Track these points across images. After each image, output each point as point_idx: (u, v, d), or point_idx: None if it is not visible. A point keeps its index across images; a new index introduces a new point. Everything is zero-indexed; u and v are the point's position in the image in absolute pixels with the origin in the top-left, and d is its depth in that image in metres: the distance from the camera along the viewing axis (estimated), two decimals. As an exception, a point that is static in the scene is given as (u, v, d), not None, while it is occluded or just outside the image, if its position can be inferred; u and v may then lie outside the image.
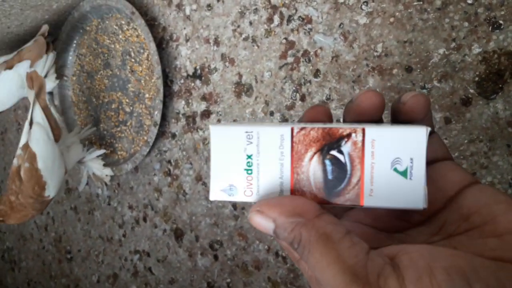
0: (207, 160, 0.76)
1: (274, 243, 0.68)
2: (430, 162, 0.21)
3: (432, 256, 0.16)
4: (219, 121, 0.73)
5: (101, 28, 0.88)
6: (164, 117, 0.80)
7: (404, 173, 0.19)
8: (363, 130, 0.19)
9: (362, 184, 0.19)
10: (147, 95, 0.82)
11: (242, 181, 0.20)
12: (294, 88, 0.64)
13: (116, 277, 0.95)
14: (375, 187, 0.19)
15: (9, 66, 0.94)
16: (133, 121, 0.85)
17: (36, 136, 0.76)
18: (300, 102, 0.63)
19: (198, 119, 0.77)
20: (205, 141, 0.76)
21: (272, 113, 0.67)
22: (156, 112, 0.77)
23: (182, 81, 0.78)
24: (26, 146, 0.76)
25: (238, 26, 0.69)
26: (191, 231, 0.79)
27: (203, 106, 0.76)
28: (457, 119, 0.50)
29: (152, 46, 0.76)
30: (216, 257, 0.76)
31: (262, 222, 0.18)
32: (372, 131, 0.19)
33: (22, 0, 0.90)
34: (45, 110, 0.77)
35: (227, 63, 0.72)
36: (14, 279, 1.30)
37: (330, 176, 0.19)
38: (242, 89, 0.70)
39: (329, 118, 0.23)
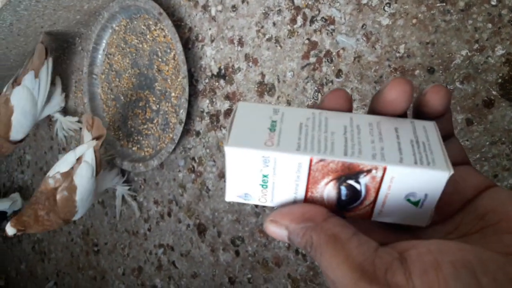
0: (230, 157, 0.78)
1: (294, 240, 0.69)
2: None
3: (440, 250, 0.17)
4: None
5: (129, 28, 0.91)
6: (189, 115, 0.83)
7: (416, 203, 0.20)
8: (385, 169, 0.19)
9: (373, 206, 0.20)
10: (173, 94, 0.84)
11: (257, 192, 0.21)
12: (316, 88, 0.65)
13: (141, 270, 0.98)
14: (385, 209, 0.20)
15: (18, 82, 1.02)
16: (160, 119, 0.87)
17: (82, 173, 0.85)
18: (321, 102, 0.64)
19: (221, 117, 0.79)
20: (228, 139, 0.78)
21: (294, 113, 0.68)
22: (181, 111, 0.79)
23: (206, 80, 0.80)
24: (68, 175, 0.86)
25: (262, 27, 0.71)
26: (214, 226, 0.81)
27: (226, 105, 0.78)
28: (479, 120, 0.50)
29: (179, 46, 0.78)
30: (237, 253, 0.77)
31: (277, 231, 0.20)
32: (394, 170, 0.19)
33: (55, 1, 0.94)
34: (96, 153, 0.86)
35: (250, 63, 0.73)
36: (44, 269, 1.36)
37: (343, 198, 0.20)
38: (264, 88, 0.72)
39: (349, 104, 0.23)
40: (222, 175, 0.79)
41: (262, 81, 0.72)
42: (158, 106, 0.87)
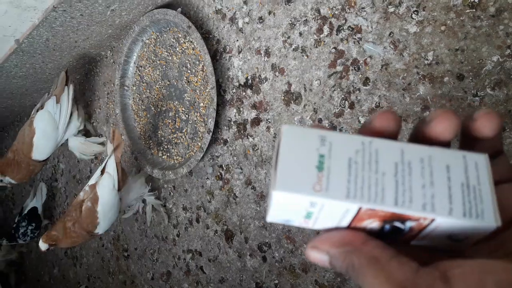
0: (257, 165, 0.79)
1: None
2: (496, 183, 0.21)
3: (484, 270, 0.17)
4: (268, 128, 0.76)
5: (159, 41, 0.95)
6: (217, 124, 0.85)
7: (457, 240, 0.20)
8: (433, 219, 0.19)
9: (414, 239, 0.21)
10: (201, 104, 0.86)
11: (299, 220, 0.21)
12: (343, 96, 0.65)
13: (170, 275, 1.00)
14: (426, 241, 0.21)
15: (42, 107, 1.11)
16: (189, 128, 0.90)
17: (104, 183, 0.90)
18: (348, 109, 0.65)
19: (248, 126, 0.80)
20: (255, 147, 0.79)
21: (320, 121, 0.68)
22: (210, 120, 0.81)
23: (234, 90, 0.82)
24: (93, 187, 0.91)
25: (288, 37, 0.72)
26: (241, 232, 0.82)
27: (253, 114, 0.79)
28: (512, 126, 0.50)
29: (207, 58, 0.80)
30: (264, 259, 0.78)
31: (318, 256, 0.20)
32: (441, 220, 0.19)
33: (89, 16, 0.98)
34: (117, 165, 0.91)
35: (277, 73, 0.75)
36: (76, 274, 1.40)
37: (385, 231, 0.20)
38: (291, 97, 0.73)
39: (398, 125, 0.22)
40: (249, 182, 0.81)
41: (288, 90, 0.73)
42: (187, 116, 0.90)
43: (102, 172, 0.92)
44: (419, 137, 0.22)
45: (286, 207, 0.20)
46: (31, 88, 1.40)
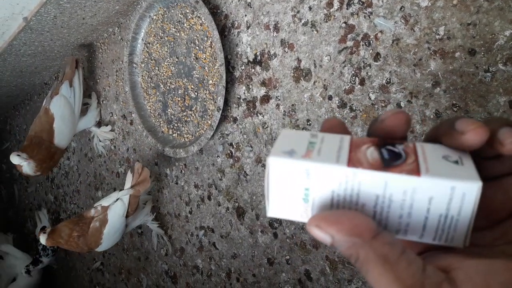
0: (267, 143, 0.79)
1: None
2: (503, 176, 0.21)
3: (489, 271, 0.17)
4: (277, 105, 0.76)
5: (167, 17, 0.94)
6: (226, 102, 0.85)
7: (456, 162, 0.20)
8: (414, 144, 0.22)
9: (417, 163, 0.20)
10: (210, 81, 0.86)
11: (303, 149, 0.22)
12: (353, 72, 0.65)
13: (183, 251, 1.03)
14: (430, 167, 0.20)
15: (56, 92, 1.11)
16: (198, 106, 0.90)
17: (115, 210, 0.96)
18: (359, 86, 0.64)
19: (258, 103, 0.80)
20: (265, 125, 0.79)
21: (330, 98, 0.68)
22: (219, 98, 0.81)
23: (243, 67, 0.82)
24: (105, 209, 0.97)
25: (298, 12, 0.71)
26: (252, 209, 0.84)
27: (262, 91, 0.79)
28: (524, 102, 0.49)
29: (215, 34, 0.80)
30: (275, 235, 0.80)
31: (321, 235, 0.20)
32: (419, 144, 0.22)
33: (96, -7, 0.98)
34: (132, 198, 0.97)
35: (286, 49, 0.74)
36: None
37: (386, 157, 0.21)
38: (300, 74, 0.72)
39: (408, 126, 0.23)
40: (259, 160, 0.81)
41: (298, 66, 0.72)
42: (196, 93, 0.90)
43: (117, 199, 0.98)
44: (375, 134, 0.23)
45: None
46: (40, 66, 1.41)
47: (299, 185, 0.21)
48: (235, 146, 0.85)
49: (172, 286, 1.08)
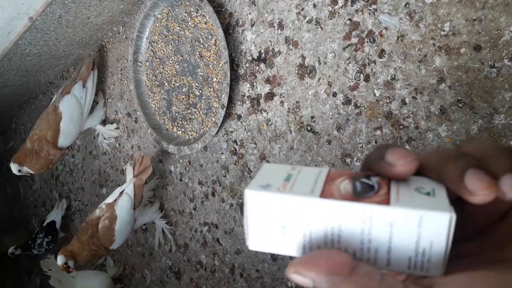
0: (271, 140, 0.80)
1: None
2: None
3: (468, 284, 0.18)
4: (282, 102, 0.77)
5: (171, 15, 0.94)
6: (230, 99, 0.85)
7: (428, 194, 0.20)
8: (388, 181, 0.21)
9: (389, 194, 0.20)
10: (215, 79, 0.87)
11: (279, 182, 0.22)
12: (358, 69, 0.65)
13: (187, 247, 1.03)
14: (401, 197, 0.20)
15: (67, 91, 1.11)
16: (202, 103, 0.90)
17: (123, 204, 0.96)
18: (364, 82, 0.65)
19: (262, 101, 0.80)
20: (269, 122, 0.80)
21: (335, 94, 0.68)
22: (223, 95, 0.81)
23: (247, 64, 0.82)
24: (111, 206, 0.97)
25: (302, 9, 0.71)
26: (256, 206, 0.84)
27: (267, 88, 0.79)
28: (529, 98, 0.49)
29: (220, 32, 0.80)
30: (280, 231, 0.80)
31: (301, 280, 0.20)
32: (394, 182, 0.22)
33: (101, -8, 0.98)
34: (137, 188, 0.97)
35: (290, 46, 0.74)
36: (96, 246, 1.45)
37: (358, 189, 0.21)
38: (305, 71, 0.73)
39: (416, 166, 0.22)
40: (263, 157, 0.82)
41: (302, 63, 0.73)
42: (201, 91, 0.90)
43: (121, 193, 0.98)
44: (379, 171, 0.22)
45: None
46: (45, 65, 1.42)
47: (276, 217, 0.22)
48: (239, 143, 0.86)
49: (176, 281, 1.09)
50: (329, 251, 0.20)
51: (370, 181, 0.21)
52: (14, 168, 1.07)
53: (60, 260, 0.94)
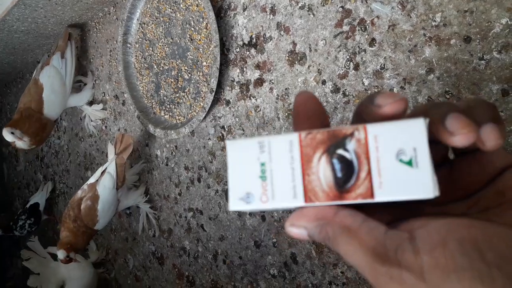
0: (258, 127, 0.79)
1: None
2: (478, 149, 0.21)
3: (449, 228, 0.18)
4: (271, 89, 0.76)
5: (163, -3, 0.93)
6: (219, 84, 0.84)
7: (409, 163, 0.20)
8: (365, 127, 0.20)
9: (371, 177, 0.20)
10: (204, 63, 0.86)
11: (258, 188, 0.22)
12: (348, 57, 0.65)
13: (171, 232, 1.03)
14: (384, 179, 0.20)
15: (47, 63, 1.10)
16: (191, 87, 0.89)
17: (104, 183, 0.94)
18: (353, 71, 0.64)
19: (251, 87, 0.80)
20: (257, 109, 0.79)
21: (324, 82, 0.68)
22: (212, 80, 0.80)
23: (237, 49, 0.81)
24: (93, 186, 0.95)
25: (295, -5, 0.71)
26: (241, 193, 0.84)
27: (256, 74, 0.78)
28: (516, 91, 0.49)
29: (211, 15, 0.79)
30: (263, 218, 0.80)
31: (297, 231, 0.22)
32: (373, 127, 0.20)
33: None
34: (119, 167, 0.95)
35: (282, 32, 0.73)
36: (80, 229, 1.44)
37: (339, 174, 0.20)
38: (295, 57, 0.72)
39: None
40: (251, 143, 0.81)
41: (293, 50, 0.72)
42: (190, 75, 0.89)
43: (103, 172, 0.96)
44: (362, 118, 0.22)
45: (239, 163, 0.22)
46: (33, 43, 1.39)
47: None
48: (226, 129, 0.85)
49: (158, 267, 1.08)
50: (316, 206, 0.21)
51: (348, 152, 0.21)
52: (6, 132, 1.02)
53: (61, 254, 0.94)
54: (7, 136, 1.02)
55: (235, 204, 0.22)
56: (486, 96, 0.51)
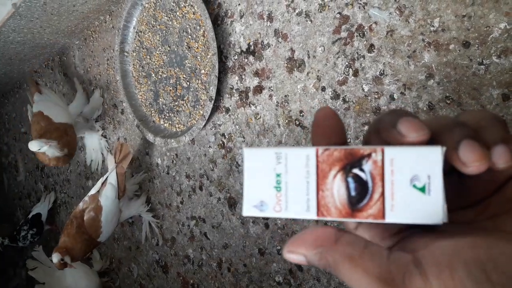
0: (259, 134, 0.79)
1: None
2: None
3: (454, 250, 0.18)
4: (270, 96, 0.76)
5: (159, 5, 0.92)
6: (218, 92, 0.84)
7: (422, 189, 0.20)
8: (382, 150, 0.21)
9: (383, 199, 0.20)
10: (203, 71, 0.85)
11: (272, 197, 0.22)
12: (347, 63, 0.64)
13: (174, 241, 1.02)
14: (396, 202, 0.20)
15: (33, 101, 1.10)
16: (190, 95, 0.89)
17: (107, 194, 0.94)
18: (352, 77, 0.64)
19: (250, 94, 0.79)
20: (257, 116, 0.79)
21: (323, 89, 0.68)
22: (211, 87, 0.80)
23: (236, 57, 0.81)
24: (95, 197, 0.94)
25: (292, 1, 0.70)
26: (244, 200, 0.83)
27: (255, 81, 0.78)
28: (517, 95, 0.49)
29: (208, 23, 0.78)
30: (267, 226, 0.80)
31: (296, 258, 0.21)
32: (390, 151, 0.20)
33: (87, -20, 0.96)
34: (119, 176, 0.95)
35: (280, 39, 0.73)
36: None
37: (353, 193, 0.21)
38: (294, 64, 0.72)
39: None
40: (252, 151, 0.81)
41: (291, 57, 0.72)
42: (188, 83, 0.89)
43: (103, 182, 0.96)
44: (387, 138, 0.22)
45: (255, 172, 0.23)
46: (29, 54, 1.39)
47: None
48: (227, 137, 0.85)
49: (163, 275, 1.08)
50: (315, 227, 0.21)
51: (363, 172, 0.21)
52: (35, 145, 0.96)
53: (55, 258, 0.92)
54: (33, 145, 0.97)
55: (248, 210, 0.22)
56: (486, 101, 0.51)
